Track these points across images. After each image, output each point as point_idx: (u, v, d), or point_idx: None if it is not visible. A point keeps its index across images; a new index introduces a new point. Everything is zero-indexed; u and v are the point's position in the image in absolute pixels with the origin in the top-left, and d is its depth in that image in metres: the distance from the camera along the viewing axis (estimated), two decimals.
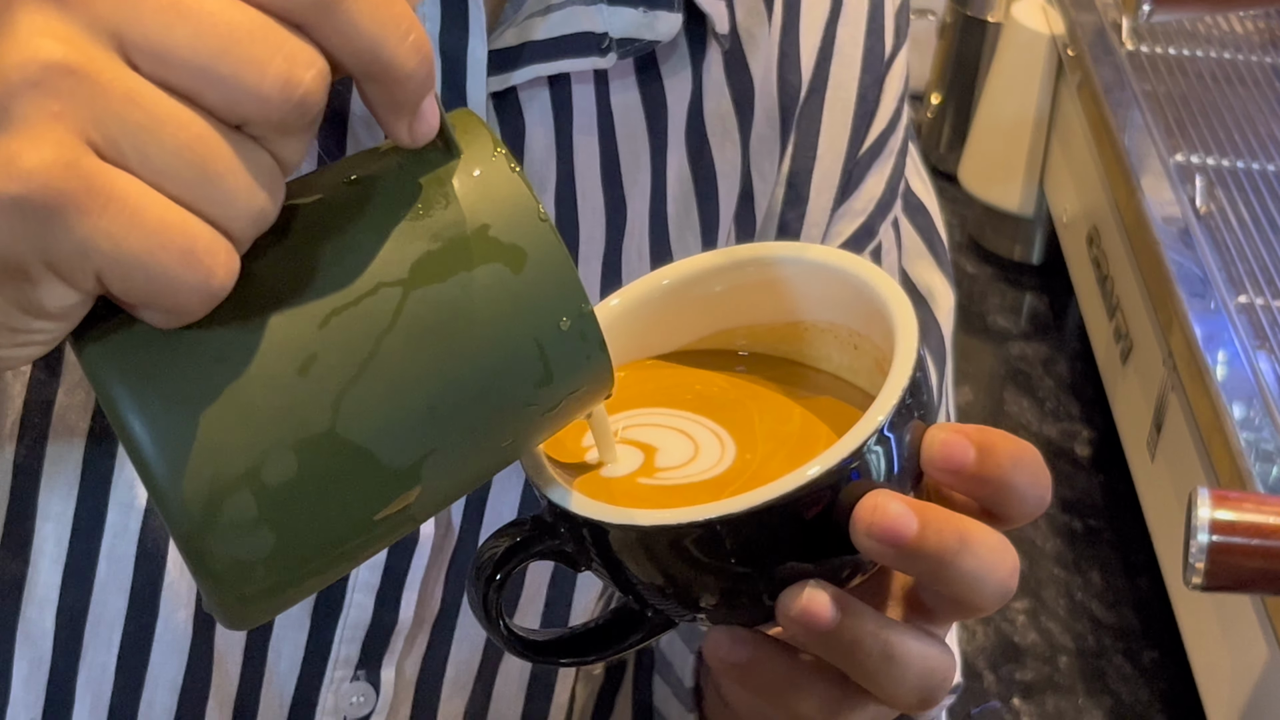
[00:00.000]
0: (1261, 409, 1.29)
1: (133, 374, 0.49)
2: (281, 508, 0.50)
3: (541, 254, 0.52)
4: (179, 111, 0.47)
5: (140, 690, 0.77)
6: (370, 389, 0.50)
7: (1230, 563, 1.08)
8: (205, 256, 0.47)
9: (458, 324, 0.51)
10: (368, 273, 0.50)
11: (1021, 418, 1.76)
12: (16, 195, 0.46)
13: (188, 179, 0.47)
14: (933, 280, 1.01)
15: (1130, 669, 1.45)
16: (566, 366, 0.53)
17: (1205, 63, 1.84)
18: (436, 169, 0.52)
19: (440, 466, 0.52)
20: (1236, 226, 1.53)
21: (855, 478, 0.57)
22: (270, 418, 0.49)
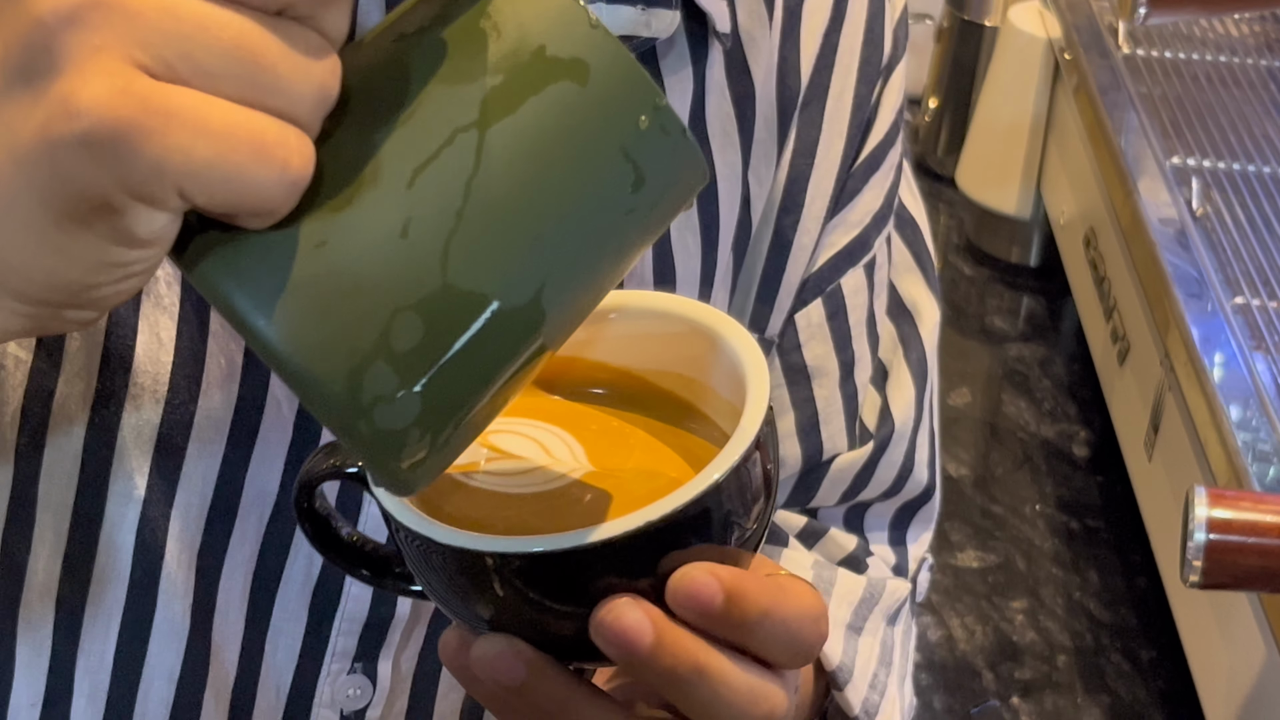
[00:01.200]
0: (1258, 409, 1.30)
1: (245, 278, 0.49)
2: (418, 370, 0.50)
3: (603, 61, 0.51)
4: (218, 13, 0.47)
5: (138, 680, 0.78)
6: (472, 235, 0.50)
7: (1227, 561, 1.09)
8: (277, 148, 0.48)
9: (540, 150, 0.51)
10: (440, 123, 0.50)
11: (1019, 418, 1.77)
12: (81, 132, 0.47)
13: (242, 77, 0.47)
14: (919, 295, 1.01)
15: (1128, 667, 1.45)
16: (656, 163, 0.53)
17: (1201, 65, 1.85)
18: (477, 3, 0.52)
19: (558, 293, 0.52)
20: (1233, 228, 1.54)
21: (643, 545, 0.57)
22: (384, 287, 0.49)
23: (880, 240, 0.94)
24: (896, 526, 0.99)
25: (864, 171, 0.92)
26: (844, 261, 0.92)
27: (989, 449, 1.74)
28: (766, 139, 0.87)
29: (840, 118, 0.89)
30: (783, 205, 0.89)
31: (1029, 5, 2.08)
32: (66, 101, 0.47)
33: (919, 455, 0.98)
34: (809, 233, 0.90)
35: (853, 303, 0.93)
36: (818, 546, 0.96)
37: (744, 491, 0.59)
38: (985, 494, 1.66)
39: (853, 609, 0.92)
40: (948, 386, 1.80)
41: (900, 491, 0.98)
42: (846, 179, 0.91)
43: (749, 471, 0.59)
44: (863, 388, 0.95)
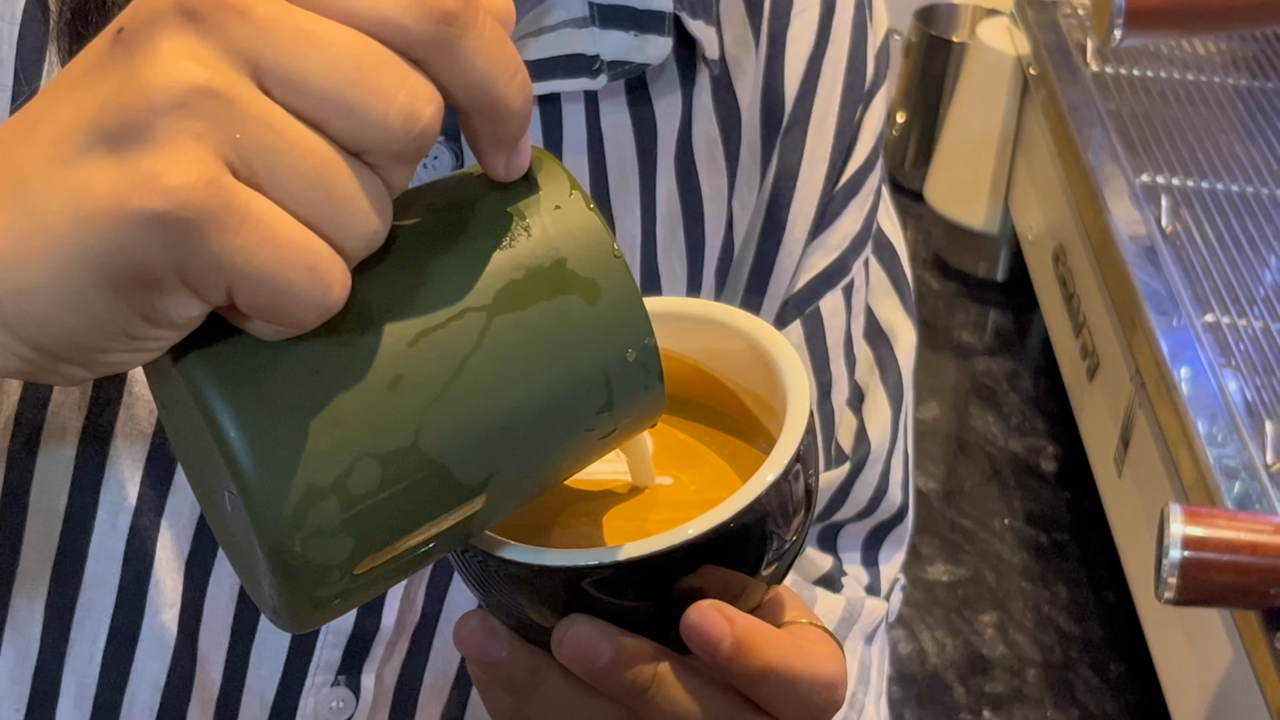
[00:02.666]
0: (1228, 425, 1.31)
1: (231, 381, 0.51)
2: (362, 517, 0.52)
3: (614, 288, 0.55)
4: (308, 137, 0.49)
5: (124, 686, 0.78)
6: (452, 407, 0.52)
7: (1202, 578, 1.10)
8: (325, 274, 0.49)
9: (535, 350, 0.53)
10: (456, 297, 0.53)
11: (987, 433, 1.78)
12: (161, 210, 0.48)
13: (313, 200, 0.49)
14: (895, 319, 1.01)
15: (1097, 681, 1.46)
16: (627, 395, 0.56)
17: (1169, 83, 1.86)
18: (519, 201, 0.55)
19: (503, 483, 0.55)
20: (1202, 246, 1.55)
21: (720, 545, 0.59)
22: (359, 430, 0.51)
23: (859, 264, 0.95)
24: (869, 547, 1.00)
25: (844, 195, 0.92)
26: (823, 284, 0.93)
27: (957, 463, 1.75)
28: (750, 163, 0.87)
29: (823, 142, 0.90)
30: (764, 228, 0.89)
31: (998, 21, 2.09)
32: (156, 178, 0.48)
33: (893, 477, 0.99)
34: (790, 255, 0.91)
35: (831, 325, 0.94)
36: (793, 566, 0.97)
37: (784, 505, 0.60)
38: (954, 508, 1.67)
39: (832, 628, 0.93)
40: (916, 400, 1.81)
41: (874, 513, 0.99)
42: (827, 203, 0.92)
43: (790, 485, 0.60)
44: (839, 409, 0.95)
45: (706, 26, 0.82)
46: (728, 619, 0.60)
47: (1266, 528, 1.11)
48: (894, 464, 0.98)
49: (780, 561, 0.62)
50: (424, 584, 0.82)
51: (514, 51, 0.52)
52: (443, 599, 0.82)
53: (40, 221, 0.49)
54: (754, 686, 0.62)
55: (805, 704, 0.62)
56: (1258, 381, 1.37)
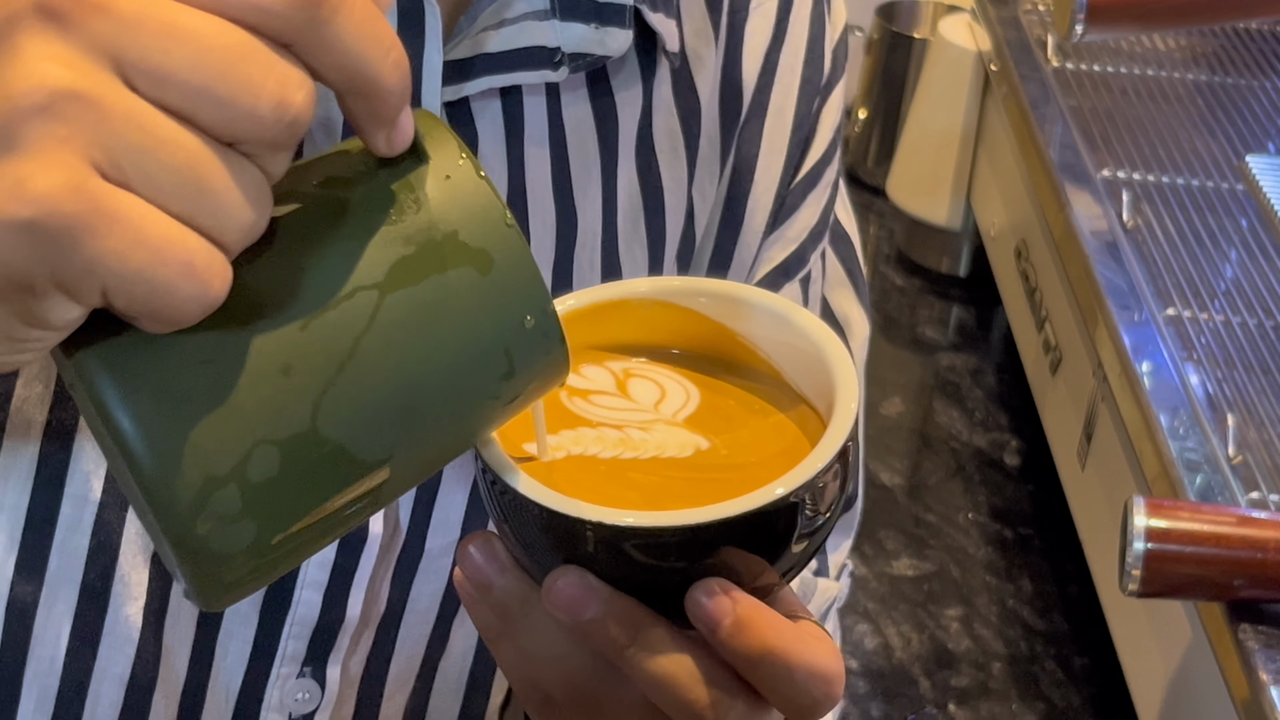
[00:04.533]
0: (1190, 418, 1.32)
1: (123, 376, 0.51)
2: (263, 501, 0.52)
3: (507, 257, 0.54)
4: (177, 132, 0.49)
5: (88, 684, 0.78)
6: (348, 388, 0.52)
7: (1166, 570, 1.11)
8: (203, 270, 0.49)
9: (430, 325, 0.53)
10: (346, 277, 0.52)
11: (951, 428, 1.79)
12: (28, 219, 0.47)
13: (186, 196, 0.49)
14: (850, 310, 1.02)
15: (1061, 674, 1.47)
16: (529, 361, 0.56)
17: (1129, 79, 1.87)
18: (407, 174, 0.54)
19: (407, 456, 0.55)
20: (1163, 240, 1.56)
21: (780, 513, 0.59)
22: (255, 417, 0.51)
23: (816, 255, 0.95)
24: None
25: (802, 188, 0.93)
26: (780, 276, 0.93)
27: (921, 458, 1.75)
28: (710, 155, 0.88)
29: (780, 135, 0.90)
30: (723, 219, 0.90)
31: (959, 18, 2.10)
32: (20, 185, 0.48)
33: None
34: (748, 246, 0.91)
35: None
36: None
37: (817, 499, 0.60)
38: (919, 503, 1.67)
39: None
40: (880, 396, 1.82)
41: None
42: (785, 195, 0.92)
43: (826, 481, 0.60)
44: None
45: (666, 19, 0.83)
46: (731, 598, 0.60)
47: (1229, 519, 1.12)
48: None
49: (802, 554, 0.62)
50: (389, 574, 0.82)
51: (387, 28, 0.51)
52: (408, 591, 0.82)
53: None
54: (751, 668, 0.61)
55: (801, 693, 0.62)
56: (1219, 374, 1.38)
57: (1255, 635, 1.11)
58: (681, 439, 0.65)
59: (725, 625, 0.59)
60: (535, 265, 0.55)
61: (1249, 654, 1.10)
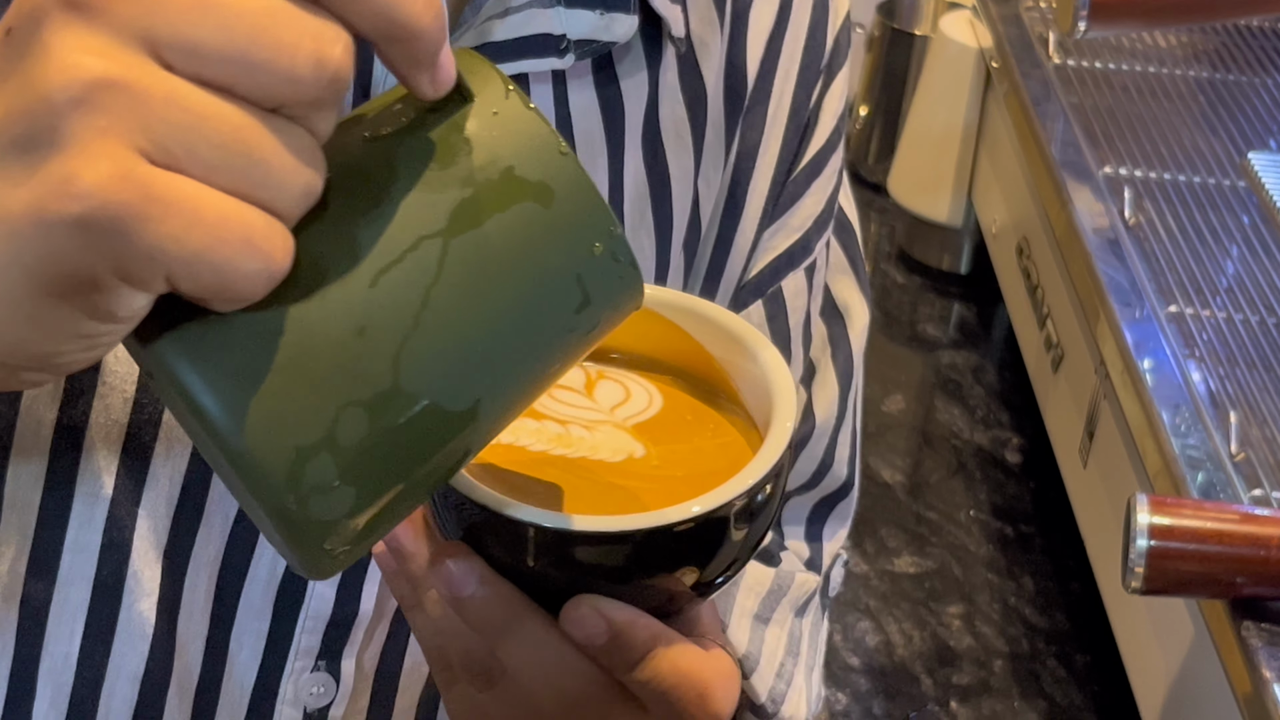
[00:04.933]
0: (1192, 416, 1.32)
1: (200, 359, 0.50)
2: (357, 465, 0.51)
3: (567, 186, 0.53)
4: (218, 105, 0.48)
5: (102, 680, 0.77)
6: (425, 339, 0.51)
7: (1169, 567, 1.10)
8: (264, 242, 0.48)
9: (498, 265, 0.52)
10: (408, 228, 0.52)
11: (952, 425, 1.79)
12: (80, 214, 0.47)
13: (236, 170, 0.48)
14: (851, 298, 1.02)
15: (1063, 672, 1.47)
16: (603, 288, 0.55)
17: (1130, 76, 1.87)
18: (454, 115, 0.53)
19: (493, 400, 0.54)
20: (1165, 237, 1.55)
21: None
22: (337, 382, 0.51)
23: (821, 244, 0.95)
24: (814, 521, 1.01)
25: (806, 176, 0.93)
26: (785, 265, 0.93)
27: (923, 456, 1.75)
28: (715, 142, 0.88)
29: (779, 121, 0.90)
30: (726, 207, 0.90)
31: (960, 15, 2.10)
32: (68, 182, 0.47)
33: (839, 452, 1.00)
34: (745, 234, 0.91)
35: (793, 305, 0.94)
36: None
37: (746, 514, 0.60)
38: (920, 500, 1.67)
39: (760, 599, 0.94)
40: (881, 393, 1.81)
41: (818, 485, 1.00)
42: (785, 182, 0.92)
43: (756, 499, 0.60)
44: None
45: (672, 5, 0.82)
46: (601, 615, 0.60)
47: (1233, 516, 1.12)
48: (840, 440, 0.99)
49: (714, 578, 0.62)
50: None
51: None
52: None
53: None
54: (631, 678, 0.62)
55: (671, 702, 0.63)
56: (1221, 371, 1.38)
57: (1258, 633, 1.11)
58: (619, 443, 0.64)
59: (600, 641, 0.61)
60: (596, 190, 0.54)
61: (1252, 651, 1.10)
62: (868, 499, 1.63)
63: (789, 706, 0.94)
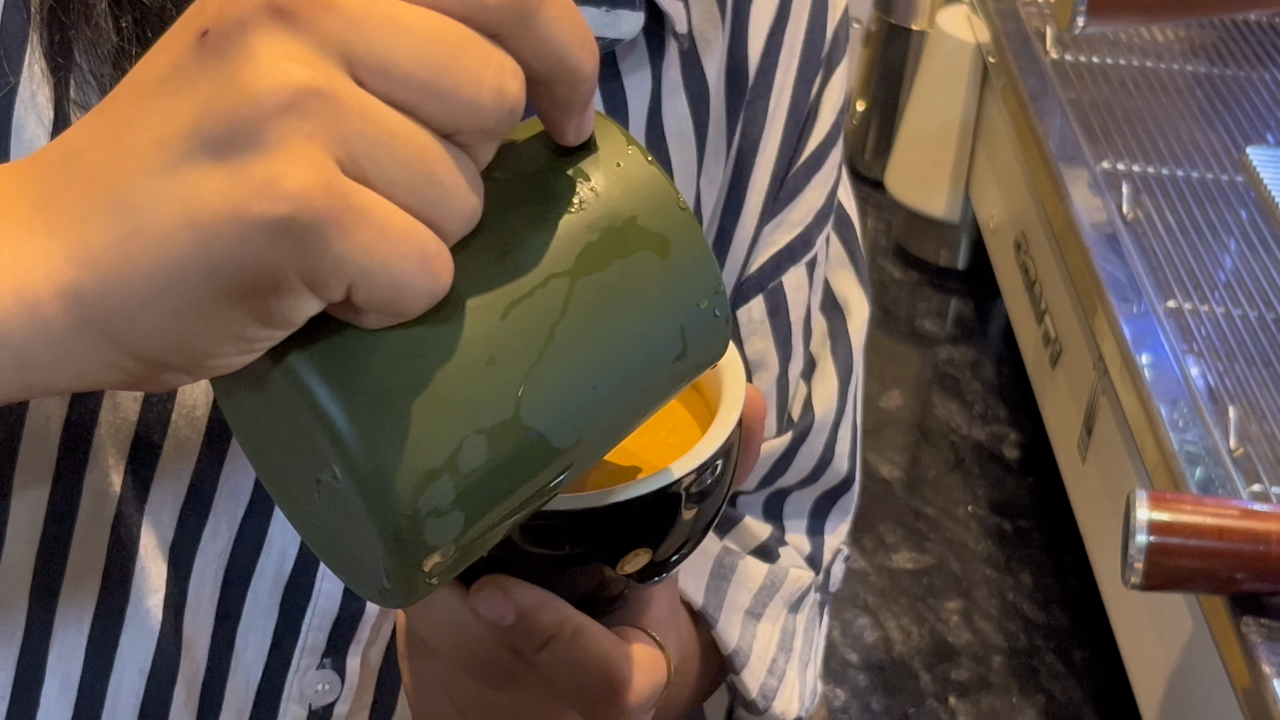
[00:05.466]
0: (1190, 411, 1.32)
1: (336, 374, 0.51)
2: (472, 492, 0.52)
3: (683, 240, 0.55)
4: (406, 125, 0.49)
5: (109, 672, 0.78)
6: (547, 375, 0.53)
7: (1168, 563, 1.10)
8: (435, 261, 0.50)
9: (617, 309, 0.54)
10: (539, 265, 0.53)
11: (950, 421, 1.78)
12: (284, 215, 0.47)
13: (418, 190, 0.49)
14: (850, 292, 1.02)
15: (1062, 667, 1.47)
16: (700, 341, 0.56)
17: (1128, 71, 1.87)
18: (581, 163, 0.55)
19: (591, 441, 0.55)
20: (1163, 232, 1.55)
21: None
22: (464, 408, 0.52)
23: (821, 239, 0.95)
24: (815, 515, 1.01)
25: (806, 171, 0.93)
26: (786, 260, 0.93)
27: (920, 451, 1.75)
28: (717, 139, 0.88)
29: (779, 116, 0.90)
30: (726, 202, 0.90)
31: (957, 9, 2.09)
32: (274, 183, 0.48)
33: (840, 447, 1.00)
34: (745, 229, 0.91)
35: (794, 300, 0.94)
36: (730, 535, 0.98)
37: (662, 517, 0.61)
38: (918, 496, 1.67)
39: (753, 595, 0.94)
40: (879, 389, 1.81)
41: (819, 480, 1.00)
42: (785, 176, 0.92)
43: (705, 478, 0.61)
44: (794, 382, 0.96)
45: (675, 1, 0.82)
46: (508, 595, 0.61)
47: (1232, 512, 1.11)
48: (841, 434, 0.99)
49: (668, 557, 0.63)
50: None
51: (581, 18, 0.52)
52: None
53: (148, 234, 0.49)
54: (537, 658, 0.63)
55: (576, 686, 0.64)
56: (1220, 367, 1.38)
57: (1258, 628, 1.11)
58: None
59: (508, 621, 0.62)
60: (708, 246, 0.56)
61: (1252, 647, 1.10)
62: (866, 495, 1.63)
63: (780, 702, 0.94)
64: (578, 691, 0.64)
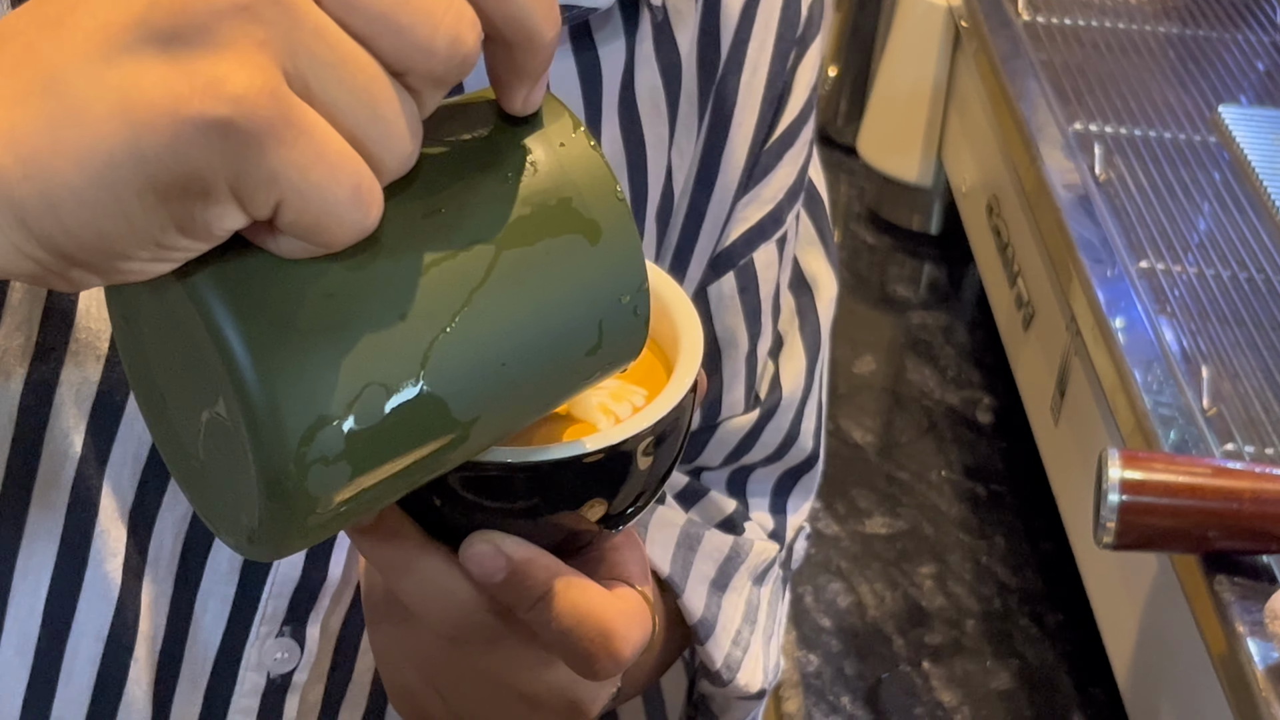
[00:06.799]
0: (1164, 372, 1.31)
1: (244, 302, 0.50)
2: (363, 446, 0.51)
3: (615, 230, 0.55)
4: (359, 53, 0.49)
5: (66, 637, 0.77)
6: (456, 341, 0.52)
7: (1141, 522, 1.10)
8: (367, 194, 0.49)
9: (538, 288, 0.53)
10: (466, 229, 0.52)
11: (923, 385, 1.78)
12: (224, 117, 0.46)
13: (360, 119, 0.49)
14: (818, 269, 1.02)
15: (1036, 630, 1.46)
16: (615, 337, 0.56)
17: (1100, 32, 1.86)
18: (525, 137, 0.55)
19: (488, 419, 0.54)
20: (1135, 193, 1.55)
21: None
22: (369, 358, 0.51)
23: (791, 216, 0.95)
24: (778, 493, 1.01)
25: (778, 148, 0.93)
26: (757, 236, 0.93)
27: (893, 416, 1.74)
28: (689, 111, 0.88)
29: (754, 92, 0.90)
30: (698, 178, 0.90)
31: None
32: (219, 83, 0.47)
33: (805, 425, 1.00)
34: (720, 205, 0.91)
35: (764, 277, 0.94)
36: (696, 508, 0.98)
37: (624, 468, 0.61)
38: (891, 461, 1.67)
39: (718, 566, 0.94)
40: (851, 354, 1.81)
41: (784, 457, 1.00)
42: (759, 153, 0.92)
43: (663, 432, 0.60)
44: (762, 359, 0.96)
45: None
46: (499, 552, 0.61)
47: (1205, 470, 1.11)
48: (807, 412, 0.99)
49: (623, 510, 0.62)
50: None
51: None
52: None
53: (80, 121, 0.47)
54: (531, 616, 0.62)
55: (572, 641, 0.63)
56: (1193, 327, 1.37)
57: (1231, 587, 1.10)
58: None
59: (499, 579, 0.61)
60: (639, 240, 0.55)
61: (1225, 606, 1.09)
62: (838, 460, 1.62)
63: (744, 674, 0.94)
64: (571, 646, 0.63)
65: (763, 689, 0.96)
